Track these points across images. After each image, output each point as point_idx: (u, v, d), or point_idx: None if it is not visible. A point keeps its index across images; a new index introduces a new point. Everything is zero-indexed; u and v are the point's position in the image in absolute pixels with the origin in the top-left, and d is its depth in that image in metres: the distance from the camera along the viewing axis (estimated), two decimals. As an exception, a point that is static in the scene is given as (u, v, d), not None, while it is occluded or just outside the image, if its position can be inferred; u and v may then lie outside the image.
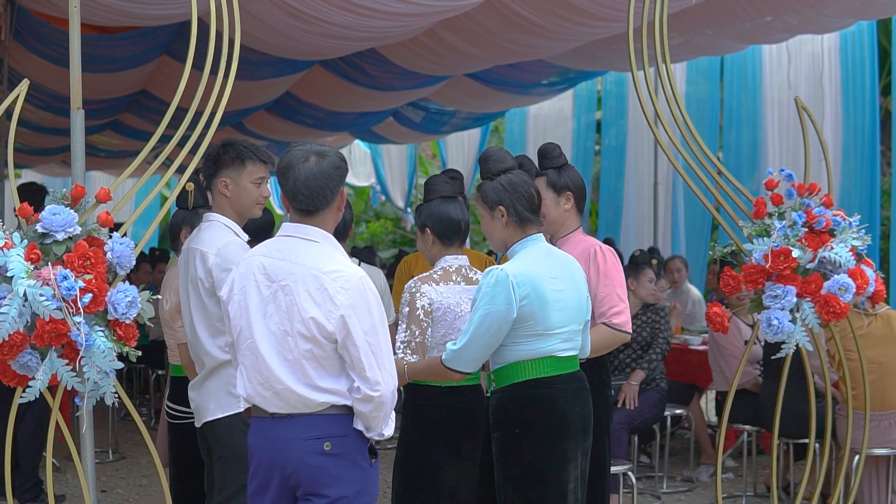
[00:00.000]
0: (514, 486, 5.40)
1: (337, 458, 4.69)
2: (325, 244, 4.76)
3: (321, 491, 4.68)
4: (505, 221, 5.49)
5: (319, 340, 4.63)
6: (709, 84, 16.88)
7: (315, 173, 4.71)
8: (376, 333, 4.66)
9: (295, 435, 4.70)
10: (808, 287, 6.38)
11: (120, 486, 10.14)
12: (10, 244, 5.08)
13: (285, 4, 8.97)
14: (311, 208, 4.75)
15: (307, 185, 4.71)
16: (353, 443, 4.73)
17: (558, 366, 5.40)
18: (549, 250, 5.54)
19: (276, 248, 4.81)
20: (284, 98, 14.98)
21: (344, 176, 4.83)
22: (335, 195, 4.78)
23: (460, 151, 22.76)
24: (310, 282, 4.65)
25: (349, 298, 4.61)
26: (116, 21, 9.71)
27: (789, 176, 6.56)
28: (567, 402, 5.40)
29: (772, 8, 11.01)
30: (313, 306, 4.62)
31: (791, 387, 7.27)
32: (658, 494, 9.78)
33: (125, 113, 15.64)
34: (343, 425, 4.71)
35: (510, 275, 5.25)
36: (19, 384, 5.24)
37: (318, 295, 4.63)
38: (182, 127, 5.57)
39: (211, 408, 5.80)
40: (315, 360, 4.66)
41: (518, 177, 5.53)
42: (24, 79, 5.53)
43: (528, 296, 5.26)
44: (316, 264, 4.67)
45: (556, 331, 5.35)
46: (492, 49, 11.60)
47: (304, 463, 4.68)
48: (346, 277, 4.65)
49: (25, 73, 11.20)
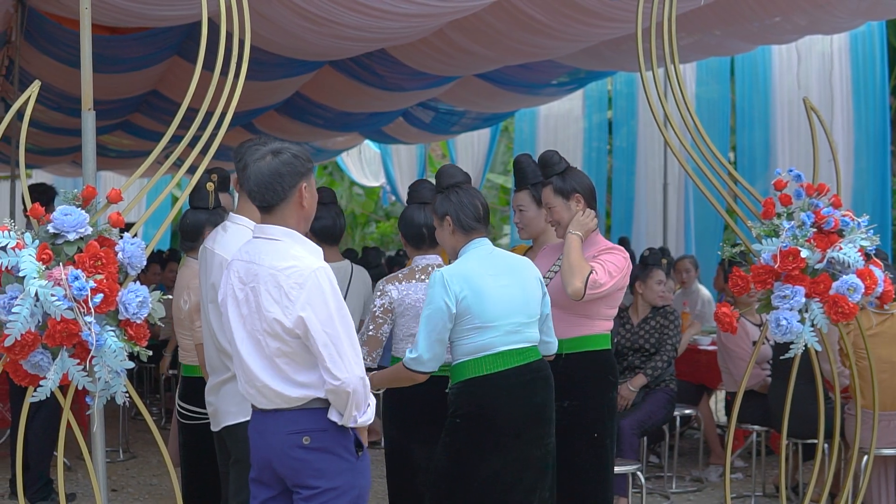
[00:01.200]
0: (433, 478, 5.72)
1: (318, 452, 4.76)
2: (285, 241, 4.83)
3: (306, 482, 4.77)
4: (451, 230, 5.87)
5: (284, 338, 4.72)
6: (719, 85, 16.89)
7: (265, 170, 4.80)
8: (333, 323, 4.70)
9: (278, 429, 4.80)
10: (816, 287, 6.38)
11: (130, 486, 10.16)
12: (21, 244, 5.10)
13: (295, 5, 8.99)
14: (265, 204, 4.85)
15: (258, 181, 4.81)
16: (333, 436, 4.78)
17: (503, 360, 5.62)
18: (490, 251, 5.84)
19: (245, 250, 4.93)
20: (294, 98, 15.01)
21: (299, 171, 4.86)
22: (289, 190, 4.83)
23: (470, 151, 22.75)
24: (268, 281, 4.74)
25: (303, 293, 4.68)
26: (127, 22, 9.73)
27: (798, 176, 6.56)
28: (507, 396, 5.59)
29: (780, 9, 11.01)
30: (273, 304, 4.72)
31: (800, 387, 7.27)
32: (667, 494, 9.78)
33: (136, 113, 15.67)
34: (321, 419, 4.77)
35: (444, 274, 5.59)
36: (31, 384, 5.26)
37: (276, 293, 4.72)
38: (193, 127, 5.58)
39: (233, 411, 5.76)
40: (286, 357, 4.75)
41: (464, 190, 5.94)
42: (36, 80, 5.55)
43: (463, 291, 5.55)
44: (273, 263, 4.76)
45: (495, 323, 5.58)
46: (501, 49, 11.61)
47: (288, 456, 4.78)
48: (300, 272, 4.72)
49: (36, 73, 11.24)
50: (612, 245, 6.42)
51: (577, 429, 6.23)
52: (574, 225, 6.28)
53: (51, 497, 9.20)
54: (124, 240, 5.29)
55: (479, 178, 22.41)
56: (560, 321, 6.21)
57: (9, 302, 5.05)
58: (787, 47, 15.02)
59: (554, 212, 6.42)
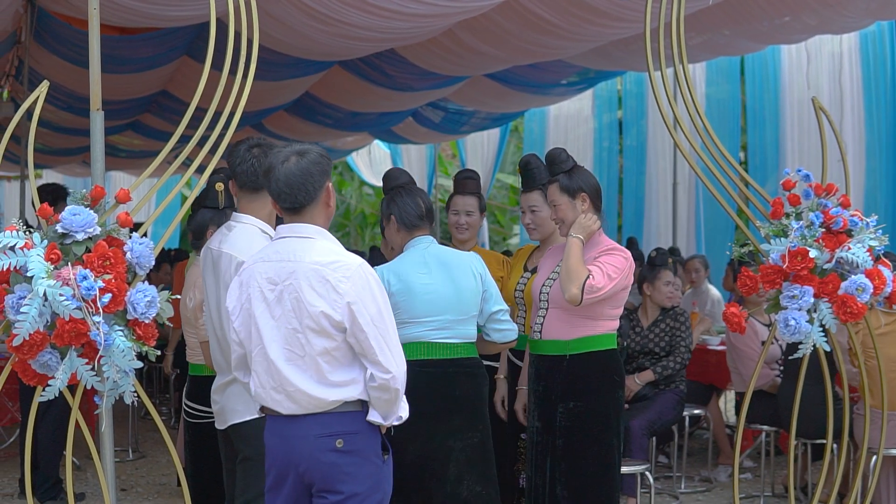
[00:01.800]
0: None
1: (349, 455, 4.74)
2: (319, 238, 4.84)
3: (335, 487, 4.73)
4: (396, 228, 6.34)
5: (330, 332, 4.70)
6: (730, 85, 16.87)
7: (294, 171, 4.80)
8: (382, 318, 4.74)
9: (308, 433, 4.75)
10: (825, 287, 6.37)
11: (140, 485, 10.18)
12: (30, 244, 5.12)
13: (304, 5, 9.00)
14: (295, 205, 4.84)
15: (287, 183, 4.80)
16: (364, 439, 4.78)
17: (427, 350, 5.99)
18: (428, 249, 6.27)
19: (273, 251, 4.89)
20: (304, 98, 15.03)
21: (326, 171, 4.89)
22: (318, 190, 4.85)
23: (480, 151, 22.73)
24: (311, 276, 4.71)
25: (352, 286, 4.69)
26: (136, 22, 9.76)
27: (806, 176, 6.55)
28: (426, 386, 5.88)
29: (790, 8, 11.00)
30: (318, 299, 4.69)
31: (810, 387, 7.26)
32: (676, 494, 9.78)
33: (146, 113, 15.71)
34: (355, 422, 4.76)
35: (382, 270, 5.98)
36: (39, 383, 5.27)
37: (321, 287, 4.70)
38: (201, 127, 5.59)
39: (240, 409, 5.75)
40: (328, 354, 4.72)
41: (406, 191, 6.42)
42: (45, 80, 5.56)
43: (394, 286, 5.97)
44: (314, 258, 4.75)
45: (423, 319, 5.91)
46: (510, 49, 11.61)
47: (317, 460, 4.73)
48: (347, 266, 4.73)
49: (46, 73, 11.27)
50: (614, 245, 6.40)
51: (582, 429, 6.22)
52: (576, 227, 6.30)
53: (59, 497, 9.21)
54: (133, 240, 5.30)
55: (489, 177, 22.37)
56: (564, 322, 6.22)
57: (17, 302, 5.06)
58: (796, 47, 15.00)
59: (559, 209, 6.41)
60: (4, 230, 5.14)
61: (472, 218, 7.52)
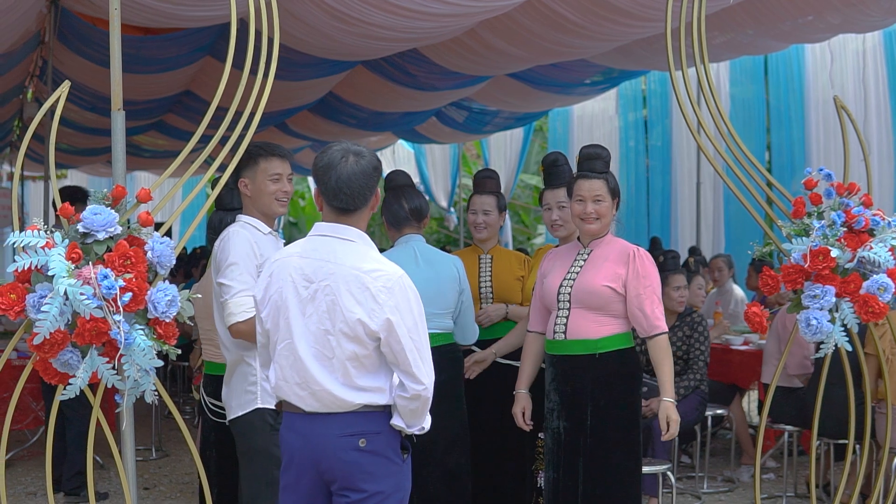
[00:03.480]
0: None
1: (370, 455, 4.73)
2: (360, 243, 4.80)
3: (357, 486, 4.73)
4: (387, 226, 7.13)
5: (363, 340, 4.67)
6: (753, 84, 16.84)
7: (356, 172, 4.75)
8: (418, 330, 4.72)
9: (330, 432, 4.73)
10: (847, 287, 6.36)
11: (162, 484, 10.21)
12: (51, 244, 5.14)
13: (326, 5, 9.01)
14: (350, 207, 4.78)
15: (349, 184, 4.74)
16: (386, 439, 4.77)
17: None
18: (416, 247, 7.00)
19: (312, 248, 4.83)
20: (327, 98, 15.04)
21: (380, 176, 4.87)
22: (372, 195, 4.83)
23: (503, 151, 22.73)
24: (351, 281, 4.67)
25: (392, 298, 4.65)
26: (158, 22, 9.78)
27: (828, 175, 6.54)
28: None
29: (813, 7, 10.96)
30: (356, 305, 4.65)
31: (834, 387, 7.24)
32: (698, 495, 9.77)
33: (169, 113, 15.73)
34: (378, 422, 4.76)
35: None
36: (60, 382, 5.30)
37: (360, 294, 4.65)
38: (222, 127, 5.61)
39: (233, 406, 5.90)
40: (357, 360, 4.69)
41: (396, 193, 7.17)
42: (66, 80, 5.59)
43: None
44: (355, 264, 4.70)
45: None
46: (533, 49, 11.60)
47: (339, 459, 4.72)
48: (388, 276, 4.68)
49: (69, 73, 11.31)
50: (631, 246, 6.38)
51: (612, 427, 6.24)
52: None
53: (82, 494, 9.25)
54: (153, 239, 5.32)
55: (513, 177, 22.37)
56: (591, 321, 6.23)
57: (38, 301, 5.09)
58: (820, 46, 14.97)
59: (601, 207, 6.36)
60: (26, 229, 5.17)
61: (489, 217, 7.54)
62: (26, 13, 9.49)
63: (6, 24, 9.25)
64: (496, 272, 7.55)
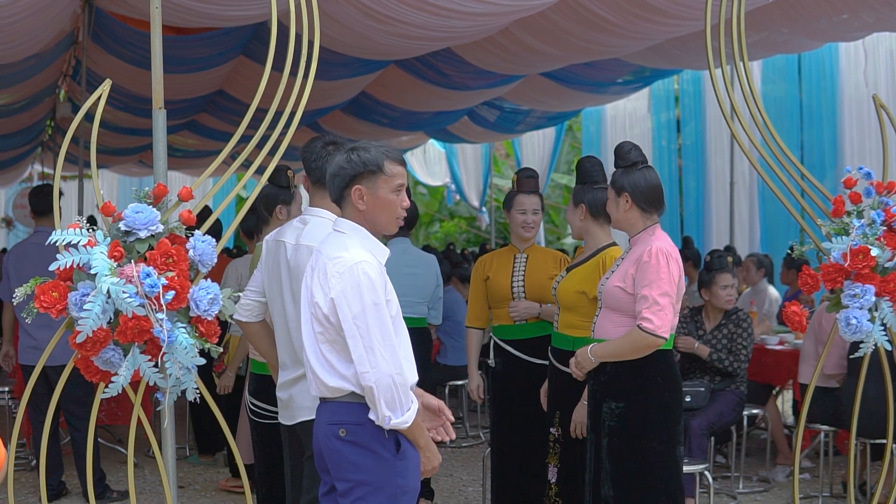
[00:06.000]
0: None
1: (352, 446, 4.79)
2: (350, 234, 4.90)
3: (341, 475, 4.83)
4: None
5: (323, 322, 4.78)
6: (786, 83, 16.80)
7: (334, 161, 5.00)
8: (365, 318, 4.71)
9: (321, 418, 4.90)
10: (886, 286, 6.34)
11: (197, 483, 10.22)
12: (93, 242, 5.16)
13: (362, 5, 9.02)
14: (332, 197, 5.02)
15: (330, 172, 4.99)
16: (368, 432, 4.77)
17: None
18: (403, 247, 8.70)
19: (322, 242, 5.02)
20: (360, 98, 15.06)
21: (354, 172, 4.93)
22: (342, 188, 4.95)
23: (535, 150, 22.74)
24: (320, 267, 4.83)
25: (340, 282, 4.73)
26: (194, 22, 9.81)
27: (868, 174, 6.52)
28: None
29: (848, 5, 10.92)
30: (318, 289, 4.80)
31: (872, 386, 7.21)
32: (734, 494, 9.74)
33: (202, 113, 15.78)
34: (358, 413, 4.78)
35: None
36: (102, 380, 5.32)
37: (322, 278, 4.79)
38: (262, 127, 5.62)
39: (308, 406, 5.64)
40: (328, 343, 4.80)
41: None
42: (107, 79, 5.60)
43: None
44: (329, 252, 4.83)
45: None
46: (567, 48, 11.59)
47: (327, 447, 4.85)
48: (343, 262, 4.76)
49: (103, 74, 11.35)
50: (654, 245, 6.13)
51: (624, 430, 6.13)
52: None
53: (106, 495, 9.25)
54: (195, 237, 5.33)
55: (545, 177, 22.36)
56: (613, 323, 6.19)
57: (80, 299, 5.11)
58: (854, 45, 14.93)
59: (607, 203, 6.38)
60: (67, 228, 5.19)
61: (537, 217, 7.66)
62: (60, 13, 9.52)
63: (40, 23, 9.28)
64: (530, 271, 7.58)
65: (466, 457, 11.52)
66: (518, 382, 7.58)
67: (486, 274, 7.74)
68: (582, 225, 7.00)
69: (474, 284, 7.88)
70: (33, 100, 14.55)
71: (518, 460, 7.59)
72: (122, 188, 27.24)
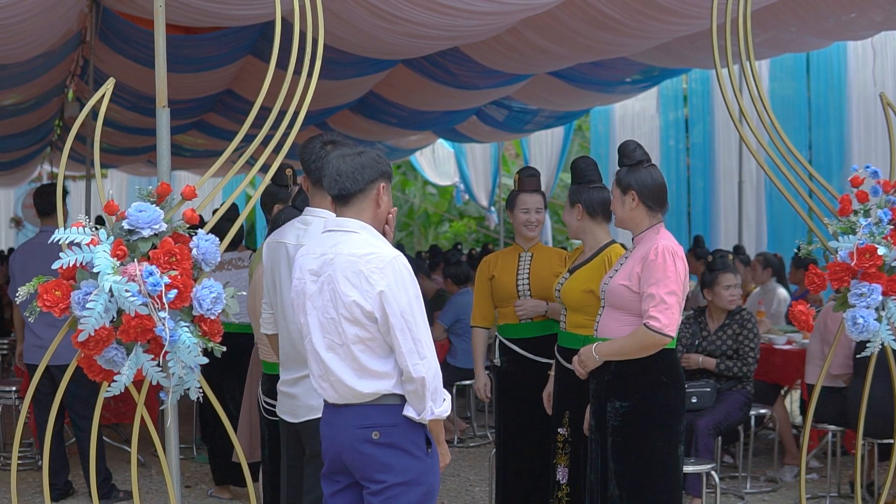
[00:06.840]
0: None
1: (386, 447, 4.81)
2: (363, 233, 4.90)
3: (374, 476, 4.83)
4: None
5: (363, 322, 4.77)
6: (794, 82, 16.80)
7: (348, 162, 4.95)
8: (413, 311, 4.77)
9: (347, 423, 4.86)
10: (893, 285, 6.31)
11: (204, 482, 10.21)
12: (96, 241, 5.15)
13: (369, 4, 9.01)
14: (343, 192, 4.96)
15: (338, 171, 4.94)
16: (403, 432, 4.82)
17: None
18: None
19: (318, 244, 5.01)
20: (368, 97, 15.06)
21: (383, 170, 4.98)
22: (367, 182, 4.93)
23: (544, 150, 22.73)
24: (347, 267, 4.80)
25: (384, 277, 4.75)
26: (201, 21, 9.80)
27: (875, 173, 6.49)
28: None
29: (856, 4, 10.91)
30: (351, 289, 4.78)
31: (880, 386, 7.19)
32: (741, 495, 9.72)
33: (210, 112, 15.79)
34: (392, 415, 4.82)
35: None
36: (105, 379, 5.31)
37: (355, 278, 4.78)
38: (266, 126, 5.61)
39: (313, 405, 5.66)
40: (362, 343, 4.80)
41: None
42: (110, 77, 5.60)
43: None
44: (351, 250, 4.82)
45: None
46: (575, 47, 11.58)
47: (356, 450, 4.84)
48: (380, 257, 4.79)
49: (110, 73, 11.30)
50: (660, 243, 6.10)
51: (629, 429, 6.12)
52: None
53: (112, 494, 9.25)
54: (198, 236, 5.33)
55: (553, 176, 22.36)
56: (617, 322, 6.17)
57: (83, 297, 5.10)
58: (862, 43, 14.92)
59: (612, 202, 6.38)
60: (71, 227, 5.18)
61: (541, 215, 7.66)
62: (68, 12, 9.52)
63: (47, 23, 9.28)
64: (534, 269, 7.58)
65: (473, 457, 11.51)
66: (524, 381, 7.58)
67: (491, 273, 7.74)
68: (579, 225, 7.01)
69: (479, 284, 7.88)
70: (42, 99, 14.55)
71: (523, 459, 7.59)
72: (132, 188, 27.28)
